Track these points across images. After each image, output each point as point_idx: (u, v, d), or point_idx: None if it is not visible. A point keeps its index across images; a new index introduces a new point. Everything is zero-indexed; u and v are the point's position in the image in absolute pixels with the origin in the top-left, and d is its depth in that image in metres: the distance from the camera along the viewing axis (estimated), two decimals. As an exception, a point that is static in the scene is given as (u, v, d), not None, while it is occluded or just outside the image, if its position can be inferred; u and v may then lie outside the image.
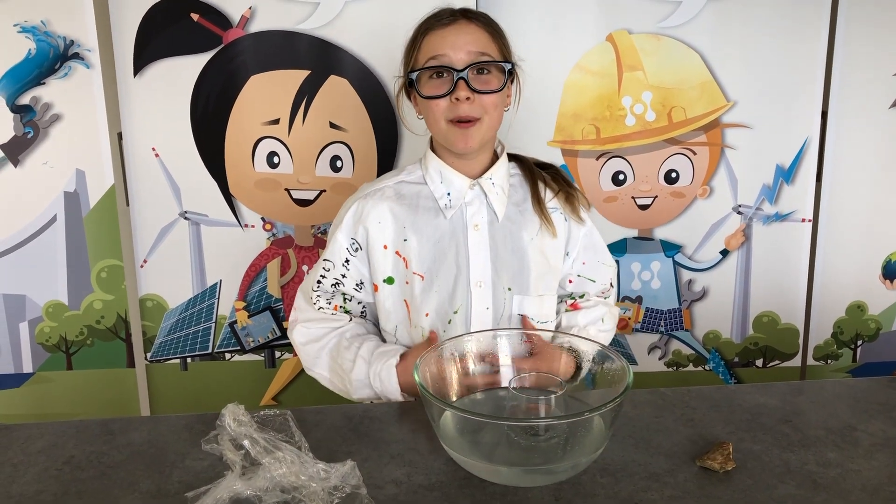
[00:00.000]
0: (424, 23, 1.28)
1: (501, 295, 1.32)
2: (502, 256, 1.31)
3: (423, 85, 1.26)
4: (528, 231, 1.33)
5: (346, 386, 1.32)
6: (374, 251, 1.32)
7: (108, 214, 1.90)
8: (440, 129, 1.27)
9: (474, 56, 1.23)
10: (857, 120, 1.96)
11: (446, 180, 1.31)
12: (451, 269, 1.30)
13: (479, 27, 1.26)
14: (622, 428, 1.09)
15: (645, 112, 1.93)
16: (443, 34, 1.24)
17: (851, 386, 1.24)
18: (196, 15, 1.82)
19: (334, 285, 1.36)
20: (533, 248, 1.33)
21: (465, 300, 1.31)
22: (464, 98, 1.22)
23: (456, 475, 0.98)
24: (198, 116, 1.87)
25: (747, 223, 2.00)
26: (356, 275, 1.35)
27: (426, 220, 1.31)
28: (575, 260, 1.40)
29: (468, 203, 1.31)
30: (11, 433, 1.12)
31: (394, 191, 1.34)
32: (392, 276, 1.33)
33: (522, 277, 1.32)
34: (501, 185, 1.32)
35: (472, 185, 1.31)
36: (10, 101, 1.82)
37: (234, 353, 2.01)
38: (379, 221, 1.31)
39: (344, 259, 1.34)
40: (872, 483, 0.95)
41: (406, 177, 1.36)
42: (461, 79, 1.22)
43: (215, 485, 0.92)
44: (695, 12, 1.87)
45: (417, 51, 1.27)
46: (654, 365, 2.10)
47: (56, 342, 1.96)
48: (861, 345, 2.12)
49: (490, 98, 1.24)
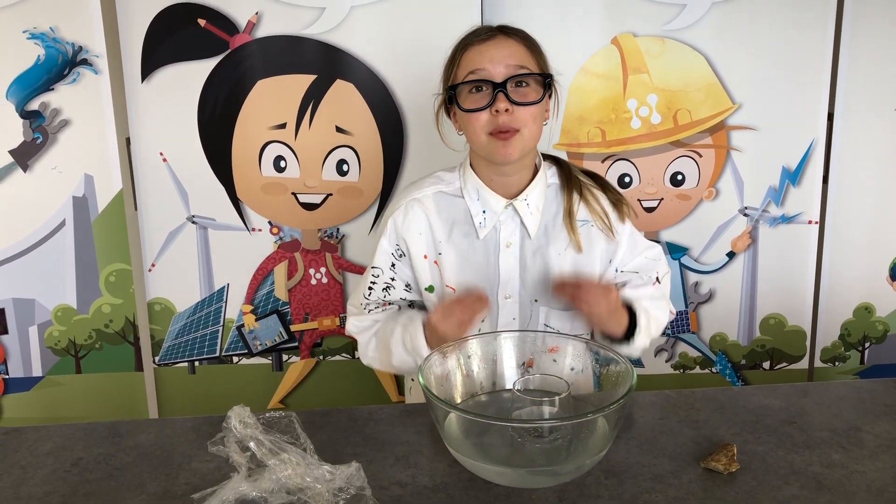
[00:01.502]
0: (463, 40, 1.29)
1: (528, 307, 1.35)
2: (530, 271, 1.33)
3: (464, 99, 1.27)
4: (556, 247, 1.33)
5: (388, 357, 1.33)
6: (416, 259, 1.35)
7: (117, 219, 1.92)
8: (480, 141, 1.27)
9: (513, 69, 1.24)
10: (864, 121, 1.95)
11: (483, 199, 1.32)
12: (482, 282, 1.33)
13: (517, 42, 1.27)
14: (627, 429, 1.10)
15: (650, 115, 1.93)
16: (481, 49, 1.25)
17: (857, 387, 1.24)
18: (203, 20, 1.83)
19: (385, 289, 1.38)
20: (560, 262, 1.33)
21: (493, 311, 1.34)
22: (503, 110, 1.22)
23: (460, 477, 0.98)
24: (205, 121, 1.88)
25: (753, 225, 2.00)
26: (404, 276, 1.38)
27: (460, 235, 1.33)
28: (623, 263, 1.39)
29: (502, 223, 1.32)
30: (20, 436, 1.13)
31: (433, 201, 1.35)
32: (432, 284, 1.36)
33: (547, 291, 1.33)
34: (536, 205, 1.33)
35: (506, 205, 1.31)
36: (20, 107, 1.84)
37: (242, 356, 2.02)
38: (420, 233, 1.34)
39: (390, 264, 1.37)
40: (877, 484, 0.95)
41: (445, 187, 1.36)
42: (500, 91, 1.22)
43: (221, 486, 0.92)
44: (699, 15, 1.88)
45: (457, 66, 1.28)
46: (661, 367, 2.10)
47: (65, 346, 1.97)
48: (869, 347, 2.11)
49: (529, 110, 1.25)
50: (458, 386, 1.12)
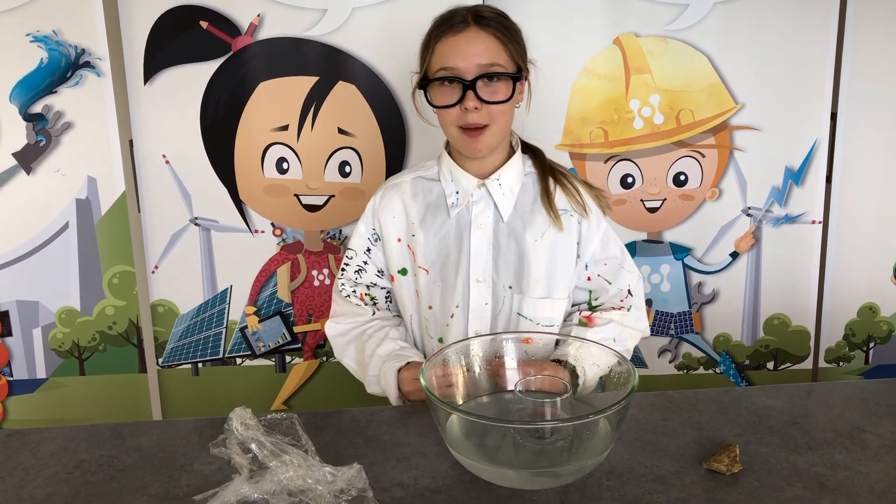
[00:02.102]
0: (437, 27, 1.30)
1: (501, 292, 1.36)
2: (504, 255, 1.35)
3: (434, 93, 1.29)
4: (533, 232, 1.34)
5: (364, 379, 1.39)
6: (389, 243, 1.39)
7: (120, 221, 1.92)
8: (451, 134, 1.32)
9: (483, 68, 1.25)
10: (867, 121, 1.95)
11: (456, 179, 1.36)
12: (454, 265, 1.35)
13: (490, 34, 1.27)
14: (629, 430, 1.09)
15: (653, 115, 1.92)
16: (453, 43, 1.26)
17: (861, 388, 1.24)
18: (205, 23, 1.83)
19: (357, 272, 1.43)
20: (536, 249, 1.34)
21: (464, 295, 1.35)
22: (472, 108, 1.25)
23: (462, 478, 0.98)
24: (207, 123, 1.89)
25: (757, 225, 2.00)
26: (377, 262, 1.43)
27: (433, 216, 1.37)
28: (592, 262, 1.40)
29: (475, 202, 1.35)
30: (23, 437, 1.13)
31: (410, 185, 1.40)
32: (405, 267, 1.40)
33: (522, 277, 1.35)
34: (510, 186, 1.35)
35: (479, 185, 1.34)
36: (23, 110, 1.84)
37: (245, 357, 2.03)
38: (393, 216, 1.39)
39: (365, 248, 1.42)
40: (881, 485, 0.95)
41: (423, 172, 1.42)
42: (470, 90, 1.24)
43: (223, 488, 0.92)
44: (702, 15, 1.87)
45: (430, 56, 1.29)
46: (665, 368, 2.09)
47: (69, 348, 1.98)
48: (873, 347, 2.10)
49: (498, 106, 1.27)
50: (460, 387, 1.12)
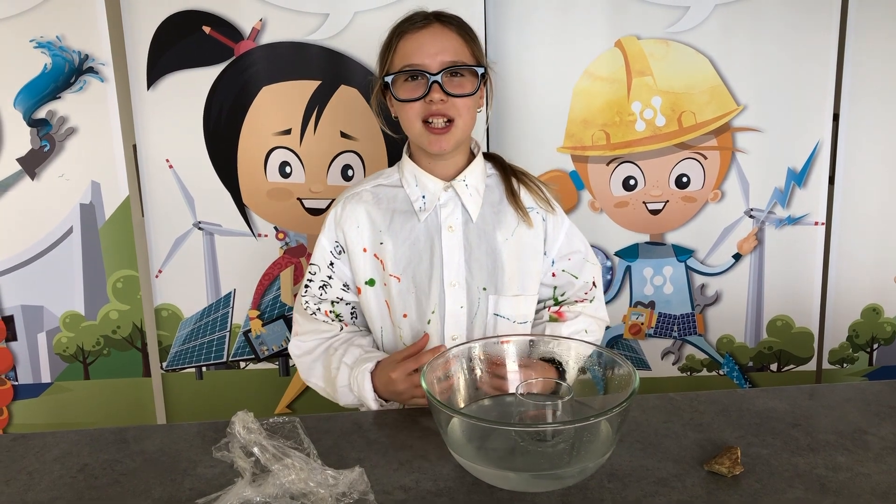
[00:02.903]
0: (398, 26, 1.30)
1: (476, 294, 1.35)
2: (476, 257, 1.34)
3: (399, 88, 1.29)
4: (503, 232, 1.35)
5: (334, 393, 1.35)
6: (354, 254, 1.36)
7: (124, 225, 1.93)
8: (415, 131, 1.30)
9: (448, 63, 1.26)
10: (870, 122, 1.94)
11: (420, 183, 1.34)
12: (427, 270, 1.33)
13: (452, 31, 1.28)
14: (630, 433, 1.10)
15: (655, 117, 1.93)
16: (417, 38, 1.27)
17: (863, 389, 1.24)
18: (208, 28, 1.84)
19: (322, 287, 1.39)
20: (508, 248, 1.35)
21: (439, 299, 1.34)
22: (437, 101, 1.25)
23: (464, 481, 0.98)
24: (210, 127, 1.89)
25: (760, 227, 2.00)
26: (342, 276, 1.39)
27: (401, 222, 1.34)
28: (558, 257, 1.42)
29: (442, 205, 1.34)
30: (27, 441, 1.14)
31: (371, 194, 1.37)
32: (373, 277, 1.36)
33: (496, 277, 1.35)
34: (476, 187, 1.35)
35: (445, 187, 1.33)
36: (27, 116, 1.85)
37: (249, 361, 2.03)
38: (357, 226, 1.35)
39: (329, 262, 1.38)
40: (882, 487, 0.94)
41: (384, 180, 1.39)
42: (435, 82, 1.25)
43: (225, 491, 0.93)
44: (703, 17, 1.87)
45: (393, 53, 1.29)
46: (668, 370, 2.09)
47: (73, 352, 1.99)
48: (877, 348, 2.10)
49: (463, 101, 1.27)
50: (461, 390, 1.12)
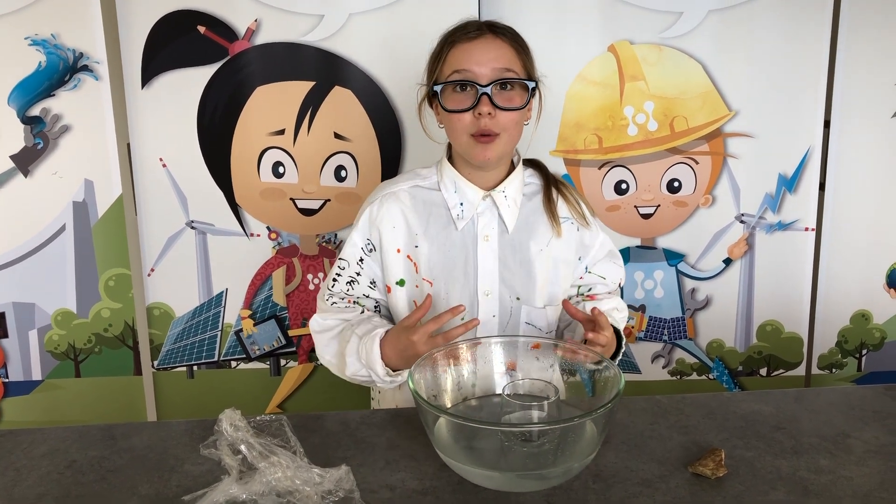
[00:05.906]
0: (450, 35, 1.28)
1: (508, 304, 1.34)
2: (510, 267, 1.33)
3: (447, 98, 1.26)
4: (537, 242, 1.34)
5: (343, 367, 1.31)
6: (387, 254, 1.34)
7: (116, 224, 1.93)
8: (461, 141, 1.27)
9: (499, 72, 1.23)
10: (860, 129, 1.96)
11: (460, 191, 1.32)
12: (460, 277, 1.32)
13: (505, 42, 1.26)
14: (616, 434, 1.10)
15: (647, 122, 1.94)
16: (468, 48, 1.25)
17: (848, 394, 1.25)
18: (203, 27, 1.84)
19: (349, 283, 1.38)
20: (541, 259, 1.34)
21: (472, 308, 1.33)
22: (486, 113, 1.22)
23: (449, 480, 0.99)
24: (204, 127, 1.90)
25: (750, 232, 2.01)
26: (370, 273, 1.37)
27: (438, 228, 1.33)
28: (592, 263, 1.43)
29: (480, 214, 1.32)
30: (16, 438, 1.14)
31: (408, 195, 1.35)
32: (404, 278, 1.35)
33: (528, 288, 1.34)
34: (514, 198, 1.33)
35: (484, 196, 1.32)
36: (21, 113, 1.85)
37: (240, 361, 2.03)
38: (393, 226, 1.33)
39: (358, 258, 1.36)
40: (863, 489, 0.95)
41: (421, 181, 1.36)
42: (484, 94, 1.22)
43: (212, 488, 0.93)
44: (696, 22, 1.89)
45: (443, 62, 1.27)
46: (658, 374, 2.10)
47: (64, 350, 1.99)
48: (866, 354, 2.11)
49: (511, 114, 1.25)
50: (448, 390, 1.12)
